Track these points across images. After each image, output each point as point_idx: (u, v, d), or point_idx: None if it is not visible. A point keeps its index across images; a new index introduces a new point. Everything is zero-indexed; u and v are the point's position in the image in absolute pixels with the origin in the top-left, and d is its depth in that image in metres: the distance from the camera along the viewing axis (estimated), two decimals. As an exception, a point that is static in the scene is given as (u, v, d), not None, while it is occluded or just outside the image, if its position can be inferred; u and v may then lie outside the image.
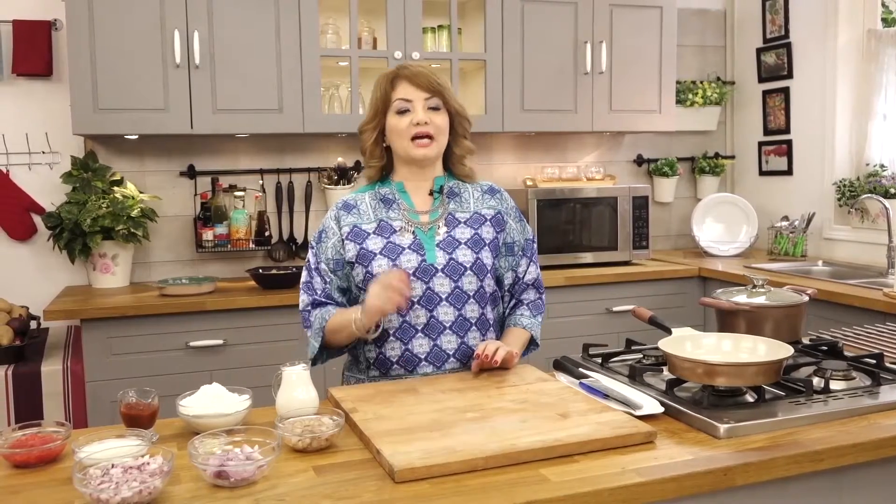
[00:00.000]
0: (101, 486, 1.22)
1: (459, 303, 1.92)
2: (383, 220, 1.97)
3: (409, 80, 1.93)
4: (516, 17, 3.70)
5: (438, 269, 1.92)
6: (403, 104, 1.92)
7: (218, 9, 3.28)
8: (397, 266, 1.90)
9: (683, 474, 1.32)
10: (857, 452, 1.44)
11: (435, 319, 1.91)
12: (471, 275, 1.93)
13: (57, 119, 3.45)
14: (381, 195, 2.01)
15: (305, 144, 3.81)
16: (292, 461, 1.41)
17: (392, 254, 1.91)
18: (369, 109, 1.99)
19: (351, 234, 1.96)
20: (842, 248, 3.95)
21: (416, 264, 1.91)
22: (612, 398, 1.64)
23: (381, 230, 1.95)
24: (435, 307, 1.91)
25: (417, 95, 1.92)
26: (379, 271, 1.88)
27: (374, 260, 1.91)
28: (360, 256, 1.93)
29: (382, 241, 1.93)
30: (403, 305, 1.81)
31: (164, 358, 3.08)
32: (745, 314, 1.98)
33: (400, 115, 1.93)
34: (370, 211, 1.98)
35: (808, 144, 4.12)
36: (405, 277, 1.80)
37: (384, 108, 1.95)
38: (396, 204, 1.99)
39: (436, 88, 1.93)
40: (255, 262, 3.76)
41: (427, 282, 1.91)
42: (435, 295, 1.91)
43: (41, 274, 3.52)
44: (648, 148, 4.45)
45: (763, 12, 4.30)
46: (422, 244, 1.93)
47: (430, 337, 1.91)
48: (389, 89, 1.95)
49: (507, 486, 1.27)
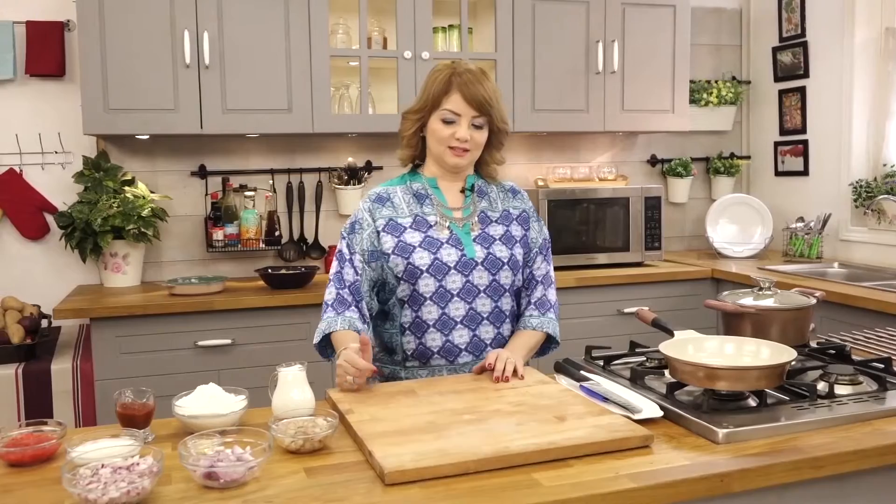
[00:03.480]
0: (89, 486, 1.21)
1: (496, 295, 1.99)
2: (419, 214, 2.00)
3: (462, 93, 1.93)
4: (527, 17, 3.68)
5: (478, 262, 1.97)
6: (451, 115, 1.94)
7: (228, 9, 3.28)
8: (438, 259, 1.94)
9: (678, 480, 1.30)
10: (860, 459, 1.41)
11: (474, 311, 1.98)
12: (507, 269, 2.00)
13: (69, 119, 3.47)
14: (413, 190, 2.04)
15: (316, 144, 3.81)
16: (285, 462, 1.40)
17: (432, 247, 1.96)
18: (419, 100, 2.00)
19: (387, 226, 1.98)
20: (858, 249, 3.89)
21: (456, 258, 1.96)
22: (612, 401, 1.62)
23: (417, 224, 1.99)
24: (474, 299, 1.97)
25: (466, 112, 1.93)
26: (420, 264, 1.94)
27: (414, 252, 1.95)
28: (398, 249, 1.96)
29: (420, 235, 1.97)
30: (352, 388, 1.74)
31: (173, 357, 3.08)
32: (751, 317, 1.95)
33: (445, 124, 1.95)
34: (403, 205, 2.01)
35: (824, 144, 4.07)
36: (359, 366, 1.72)
37: (432, 107, 1.96)
38: (429, 199, 2.02)
39: (485, 110, 1.94)
40: (266, 261, 3.76)
41: (467, 275, 1.96)
42: (474, 288, 1.97)
43: (54, 273, 3.54)
44: (662, 148, 4.41)
45: (779, 11, 4.25)
46: (459, 239, 1.98)
47: (470, 328, 1.98)
48: (442, 93, 1.95)
49: (498, 490, 1.26)
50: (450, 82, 1.94)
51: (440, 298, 1.95)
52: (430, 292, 1.95)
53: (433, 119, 1.96)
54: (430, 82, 1.98)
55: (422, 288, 1.94)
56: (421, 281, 1.94)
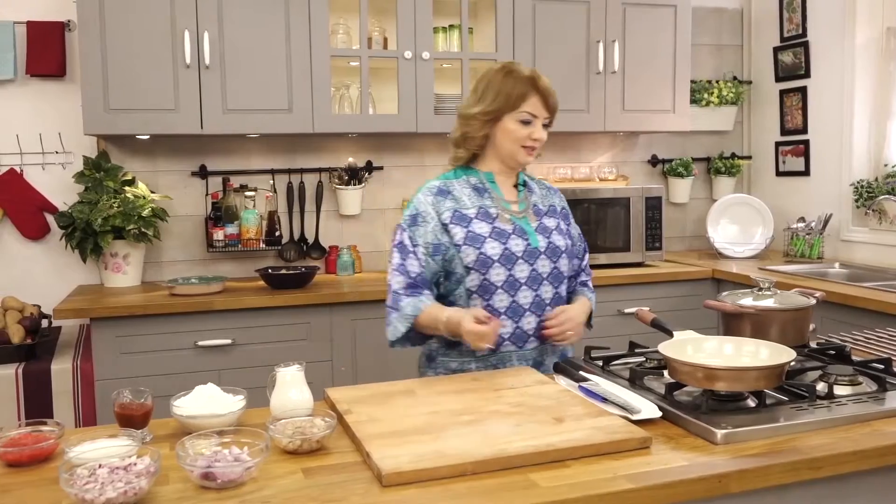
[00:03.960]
0: (86, 486, 1.21)
1: (557, 282, 2.11)
2: (481, 206, 2.07)
3: (542, 97, 2.05)
4: (528, 17, 3.68)
5: (541, 251, 2.07)
6: (529, 117, 2.05)
7: (228, 9, 3.29)
8: (508, 249, 2.02)
9: (676, 480, 1.29)
10: (859, 460, 1.41)
11: (539, 298, 2.07)
12: (565, 257, 2.12)
13: (70, 119, 3.47)
14: (471, 183, 2.11)
15: (317, 144, 3.81)
16: (282, 463, 1.40)
17: (501, 237, 2.03)
18: (490, 102, 2.05)
19: (454, 217, 2.04)
20: (859, 250, 3.89)
21: (522, 248, 2.04)
22: (611, 402, 1.62)
23: (482, 216, 2.06)
24: (538, 287, 2.06)
25: (542, 114, 2.06)
26: (492, 253, 2.01)
27: (485, 242, 2.02)
28: (469, 239, 2.02)
29: (488, 226, 2.04)
30: (483, 349, 1.91)
31: (173, 357, 3.09)
32: (751, 317, 1.94)
33: (522, 125, 2.05)
34: (465, 197, 2.08)
35: (825, 145, 4.06)
36: (497, 325, 1.91)
37: (510, 109, 2.04)
38: (488, 193, 2.10)
39: (554, 112, 2.09)
40: (267, 261, 3.76)
41: (532, 264, 2.05)
42: (538, 276, 2.06)
43: (54, 273, 3.55)
44: (663, 148, 4.41)
45: (780, 11, 4.25)
46: (524, 229, 2.07)
47: (536, 314, 2.06)
48: (522, 96, 2.03)
49: (496, 491, 1.26)
50: (530, 85, 2.04)
51: (510, 287, 2.03)
52: (500, 281, 2.02)
53: (508, 119, 2.04)
54: (503, 84, 2.04)
55: (493, 277, 2.02)
56: (492, 270, 2.01)
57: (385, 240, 3.93)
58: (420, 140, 3.92)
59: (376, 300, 3.30)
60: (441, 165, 3.90)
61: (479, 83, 2.09)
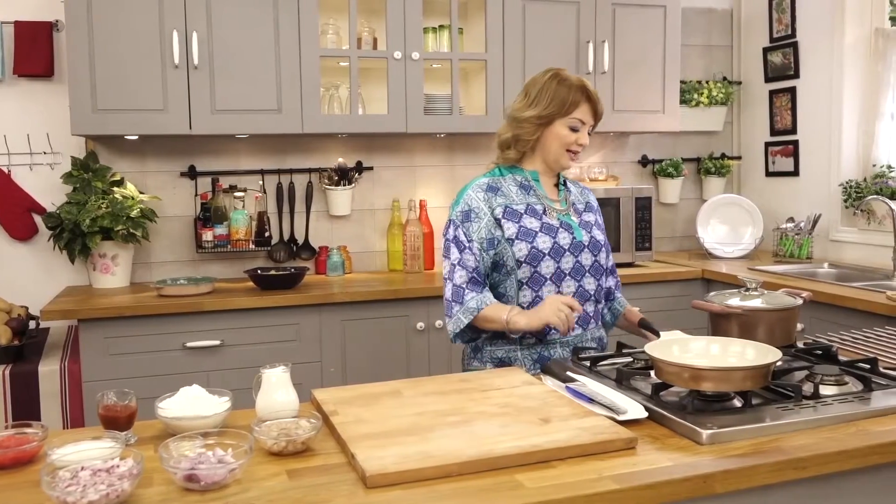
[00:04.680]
0: (68, 488, 1.21)
1: (598, 274, 2.22)
2: (529, 203, 2.18)
3: (591, 106, 2.16)
4: (517, 17, 3.68)
5: (585, 245, 2.19)
6: (578, 124, 2.16)
7: (217, 9, 3.28)
8: (557, 243, 2.14)
9: (661, 481, 1.29)
10: (843, 460, 1.41)
11: (582, 288, 2.18)
12: (604, 251, 2.25)
13: (58, 120, 3.46)
14: (517, 181, 2.22)
15: (306, 145, 3.80)
16: (267, 464, 1.40)
17: (550, 232, 2.15)
18: (545, 106, 2.14)
19: (506, 213, 2.15)
20: (849, 250, 3.90)
21: (569, 241, 2.16)
22: (598, 402, 1.62)
23: (530, 212, 2.17)
24: (581, 278, 2.18)
25: (589, 120, 2.18)
26: (544, 247, 2.12)
27: (536, 236, 2.13)
28: (521, 234, 2.13)
29: (538, 221, 2.16)
30: (565, 331, 2.03)
31: (162, 358, 3.07)
32: (738, 318, 1.95)
33: (571, 131, 2.16)
34: (513, 194, 2.19)
35: (814, 145, 4.08)
36: (578, 306, 2.05)
37: (562, 114, 2.14)
38: (533, 190, 2.21)
39: (600, 119, 2.21)
40: (257, 262, 3.75)
41: (576, 256, 2.17)
42: (581, 268, 2.18)
43: (42, 274, 3.53)
44: (653, 148, 4.41)
45: (770, 11, 4.26)
46: (569, 224, 2.19)
47: (580, 304, 2.14)
48: (575, 103, 2.14)
49: (480, 492, 1.26)
50: (582, 94, 2.14)
51: (557, 278, 2.14)
52: (550, 273, 2.13)
53: (559, 125, 2.15)
54: (557, 91, 2.13)
55: (543, 269, 2.12)
56: (543, 263, 2.12)
57: (375, 240, 3.92)
58: (410, 140, 3.92)
59: (366, 301, 3.30)
60: (430, 165, 3.93)
61: (530, 88, 2.20)
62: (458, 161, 4.00)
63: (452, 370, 3.19)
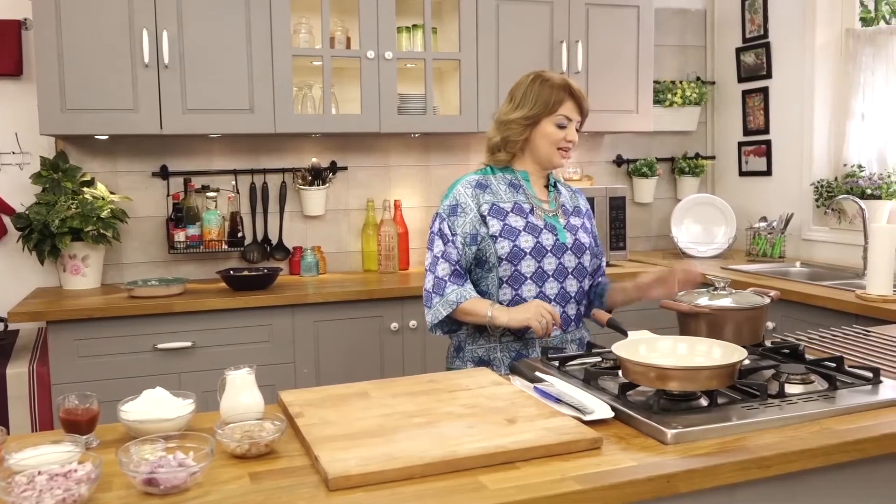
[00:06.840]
0: (23, 493, 1.19)
1: (581, 276, 2.25)
2: (516, 202, 2.21)
3: (576, 102, 2.20)
4: (491, 17, 3.68)
5: (568, 247, 2.21)
6: (565, 121, 2.19)
7: (187, 8, 3.25)
8: (539, 243, 2.16)
9: (625, 481, 1.29)
10: (807, 458, 1.42)
11: (564, 290, 2.21)
12: (588, 253, 2.26)
13: (27, 119, 3.41)
14: (507, 180, 2.24)
15: (280, 145, 3.78)
16: (229, 468, 1.38)
17: (534, 232, 2.17)
18: (529, 108, 2.18)
19: (492, 210, 2.18)
20: (820, 249, 3.94)
21: (552, 242, 2.19)
22: (565, 402, 1.62)
23: (517, 210, 2.20)
24: (564, 279, 2.20)
25: (576, 117, 2.22)
26: (525, 246, 2.15)
27: (519, 235, 2.16)
28: (505, 231, 2.16)
29: (522, 220, 2.18)
30: (540, 336, 2.07)
31: (132, 360, 3.04)
32: (706, 317, 1.96)
33: (558, 128, 2.19)
34: (501, 192, 2.22)
35: (786, 145, 4.11)
36: (559, 320, 2.09)
37: (548, 113, 2.17)
38: (522, 190, 2.24)
39: (586, 115, 2.24)
40: (230, 263, 3.72)
41: (559, 258, 2.19)
42: (564, 269, 2.20)
43: (11, 276, 3.48)
44: (628, 148, 4.43)
45: (742, 12, 4.29)
46: (554, 225, 2.21)
47: (561, 305, 2.21)
48: (559, 101, 2.17)
49: (443, 494, 1.25)
50: (566, 91, 2.18)
51: (538, 278, 2.16)
52: (530, 272, 2.16)
53: (546, 123, 2.18)
54: (544, 91, 2.17)
55: (523, 268, 2.15)
56: (523, 262, 2.15)
57: (350, 241, 3.91)
58: (384, 140, 3.90)
59: (339, 301, 3.28)
60: (405, 165, 3.92)
61: (515, 91, 2.23)
62: (433, 161, 3.99)
63: (427, 370, 3.18)
